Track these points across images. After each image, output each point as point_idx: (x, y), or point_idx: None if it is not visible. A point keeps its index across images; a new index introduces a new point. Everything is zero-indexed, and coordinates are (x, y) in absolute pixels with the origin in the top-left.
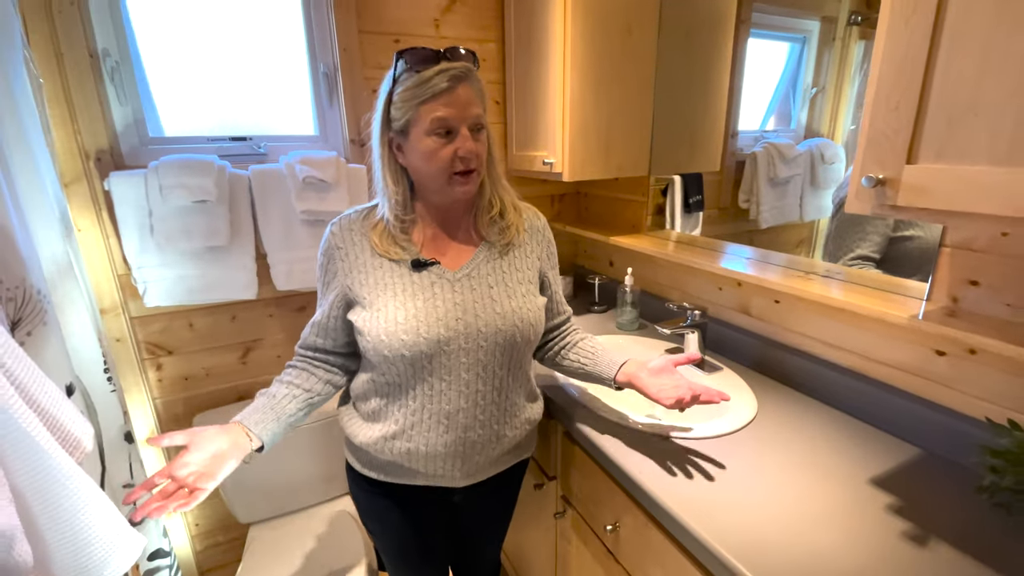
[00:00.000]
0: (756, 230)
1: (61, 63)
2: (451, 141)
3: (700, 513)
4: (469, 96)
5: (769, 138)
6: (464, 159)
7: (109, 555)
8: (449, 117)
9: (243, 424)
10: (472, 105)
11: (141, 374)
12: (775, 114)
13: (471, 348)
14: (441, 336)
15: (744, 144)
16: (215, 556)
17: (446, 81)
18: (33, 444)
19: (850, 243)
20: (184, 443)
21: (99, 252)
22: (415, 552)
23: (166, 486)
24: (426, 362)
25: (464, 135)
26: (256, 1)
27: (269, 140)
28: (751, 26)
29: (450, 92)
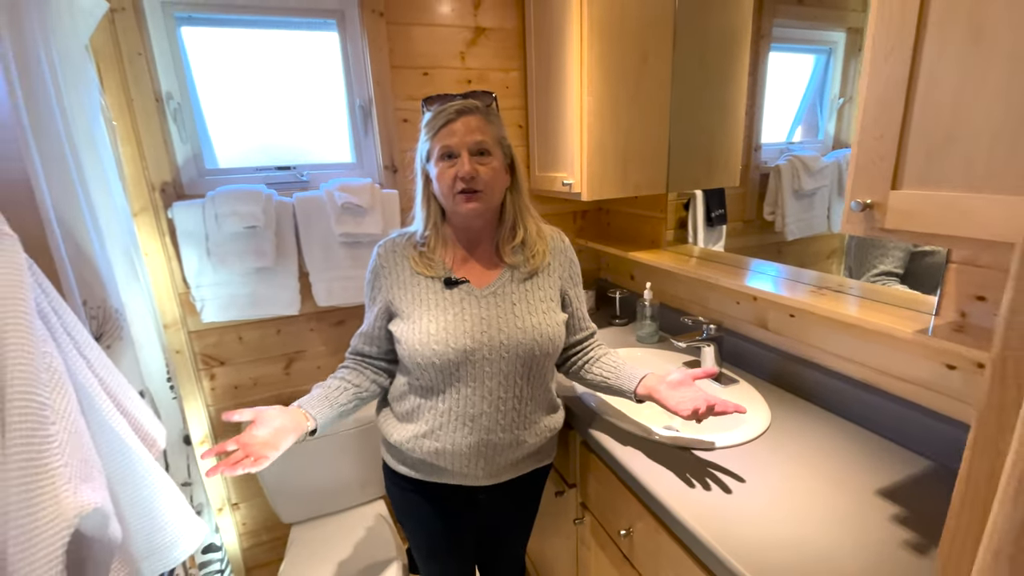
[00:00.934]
0: (783, 242)
1: (131, 107)
2: (454, 165)
3: (707, 519)
4: (471, 125)
5: (795, 150)
6: (463, 179)
7: (178, 539)
8: (452, 144)
9: (302, 408)
10: (473, 132)
11: (197, 383)
12: (802, 125)
13: (494, 358)
14: (467, 347)
15: (769, 156)
16: (259, 554)
17: (452, 114)
18: (120, 441)
19: (872, 259)
20: (251, 419)
21: (163, 273)
22: (443, 547)
23: (236, 452)
24: (454, 369)
25: (464, 158)
26: (300, 42)
27: (310, 168)
28: (772, 40)
29: (454, 123)
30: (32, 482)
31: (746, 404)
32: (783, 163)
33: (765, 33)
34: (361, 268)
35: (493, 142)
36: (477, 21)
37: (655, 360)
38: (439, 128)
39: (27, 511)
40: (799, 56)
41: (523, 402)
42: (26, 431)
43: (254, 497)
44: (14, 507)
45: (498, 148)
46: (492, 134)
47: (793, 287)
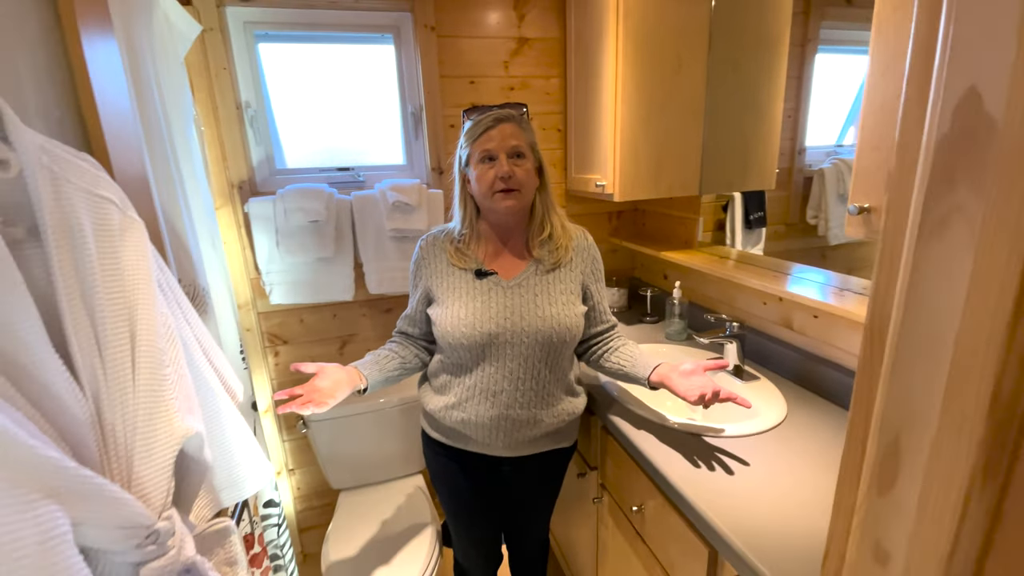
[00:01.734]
0: (826, 246)
1: (216, 114)
2: (493, 166)
3: (711, 498)
4: (508, 131)
5: (843, 153)
6: (502, 178)
7: (251, 475)
8: (491, 148)
9: (357, 368)
10: (510, 138)
11: (264, 358)
12: (854, 127)
13: (516, 343)
14: (492, 331)
15: (815, 159)
16: (311, 517)
17: (491, 122)
18: (210, 388)
19: None
20: (314, 371)
21: (237, 260)
22: (471, 510)
23: (302, 396)
24: (479, 350)
25: (502, 160)
26: (360, 55)
27: (366, 170)
28: (819, 43)
29: (492, 129)
30: (153, 407)
31: (763, 398)
32: (828, 166)
33: (812, 36)
34: (408, 260)
35: (526, 147)
36: (521, 32)
37: (679, 355)
38: (479, 135)
39: (149, 428)
40: (850, 58)
41: (541, 384)
42: (150, 369)
43: (308, 464)
44: (140, 424)
45: (530, 152)
46: (525, 140)
47: (817, 288)
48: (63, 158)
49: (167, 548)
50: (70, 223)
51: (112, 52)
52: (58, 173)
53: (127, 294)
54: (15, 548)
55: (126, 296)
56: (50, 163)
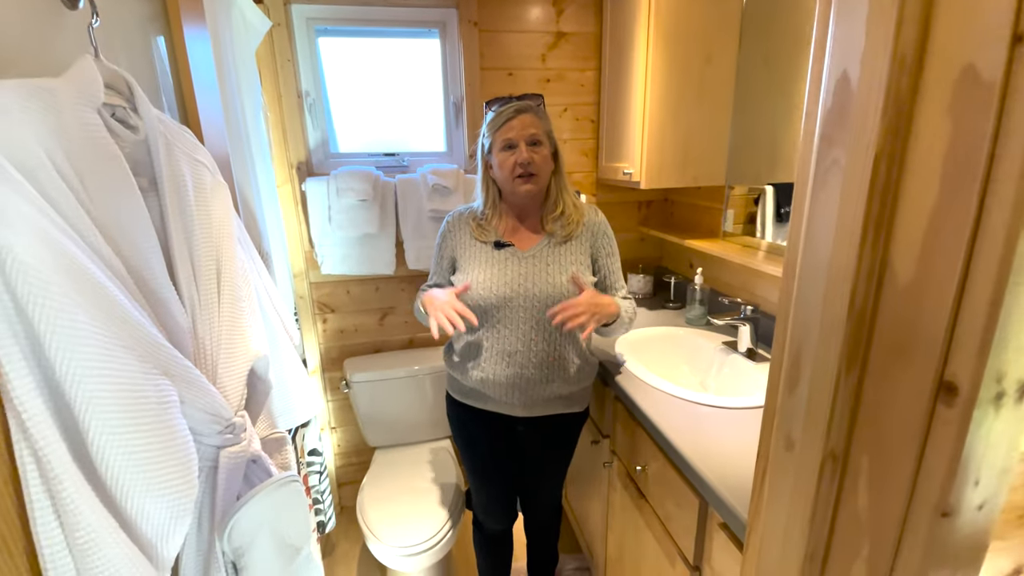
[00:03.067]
0: None
1: (280, 102)
2: (513, 154)
3: (704, 456)
4: (527, 121)
5: None
6: (522, 164)
7: (301, 405)
8: (511, 137)
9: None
10: (529, 127)
11: (313, 324)
12: None
13: (527, 306)
14: (506, 295)
15: None
16: (349, 473)
17: (512, 113)
18: (273, 327)
19: None
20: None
21: (294, 233)
22: (488, 466)
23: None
24: (495, 311)
25: (521, 148)
26: (408, 48)
27: (410, 156)
28: None
29: (513, 119)
30: (233, 328)
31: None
32: None
33: None
34: None
35: (543, 134)
36: (559, 27)
37: (693, 339)
38: (501, 125)
39: (231, 343)
40: None
41: (552, 346)
42: (231, 300)
43: (349, 424)
44: (224, 340)
45: (547, 140)
46: (542, 128)
47: None
48: (173, 128)
49: (241, 439)
50: (177, 179)
51: (205, 44)
52: (170, 139)
53: (214, 240)
54: (142, 403)
55: (213, 242)
56: (164, 131)
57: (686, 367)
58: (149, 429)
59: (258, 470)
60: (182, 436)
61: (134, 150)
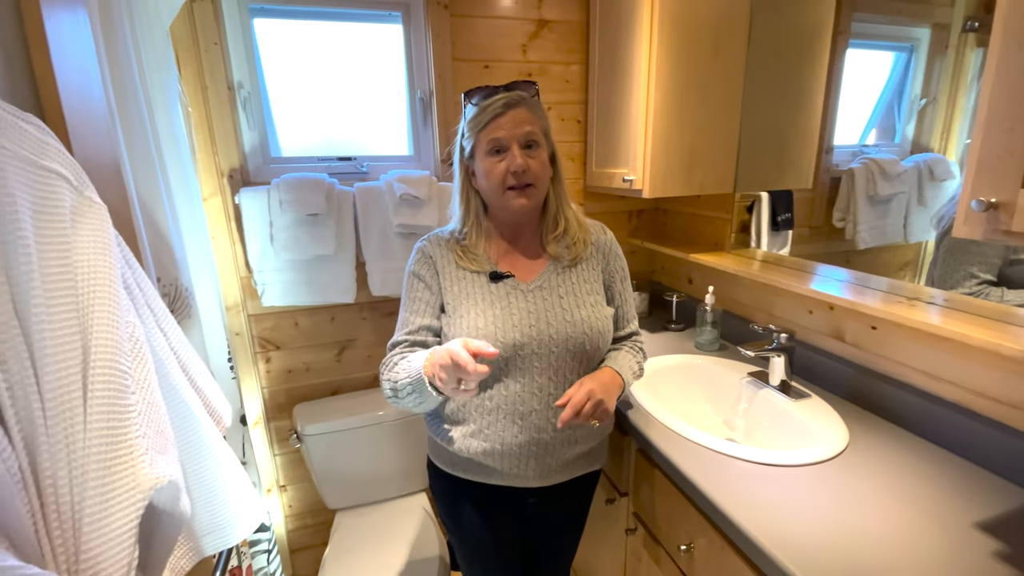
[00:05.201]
0: (852, 250)
1: (206, 95)
2: (504, 159)
3: (781, 538)
4: (521, 117)
5: (869, 153)
6: (515, 173)
7: (239, 517)
8: (501, 137)
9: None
10: (523, 124)
11: (253, 365)
12: (876, 127)
13: (543, 353)
14: (516, 340)
15: (841, 159)
16: (304, 537)
17: (500, 108)
18: (191, 415)
19: (967, 267)
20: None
21: (227, 257)
22: (488, 551)
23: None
24: (502, 364)
25: (514, 152)
26: (364, 35)
27: (370, 160)
28: (850, 36)
29: (502, 116)
30: (111, 450)
31: (819, 420)
32: (857, 166)
33: (844, 28)
34: None
35: (541, 134)
36: (541, 14)
37: (716, 369)
38: (487, 123)
39: (105, 480)
40: (877, 53)
41: None
42: (108, 399)
43: (301, 481)
44: (92, 475)
45: (545, 140)
46: (539, 125)
47: (876, 296)
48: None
49: None
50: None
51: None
52: None
53: (80, 297)
54: None
55: (78, 300)
56: None
57: (707, 404)
58: None
59: None
60: None
61: None
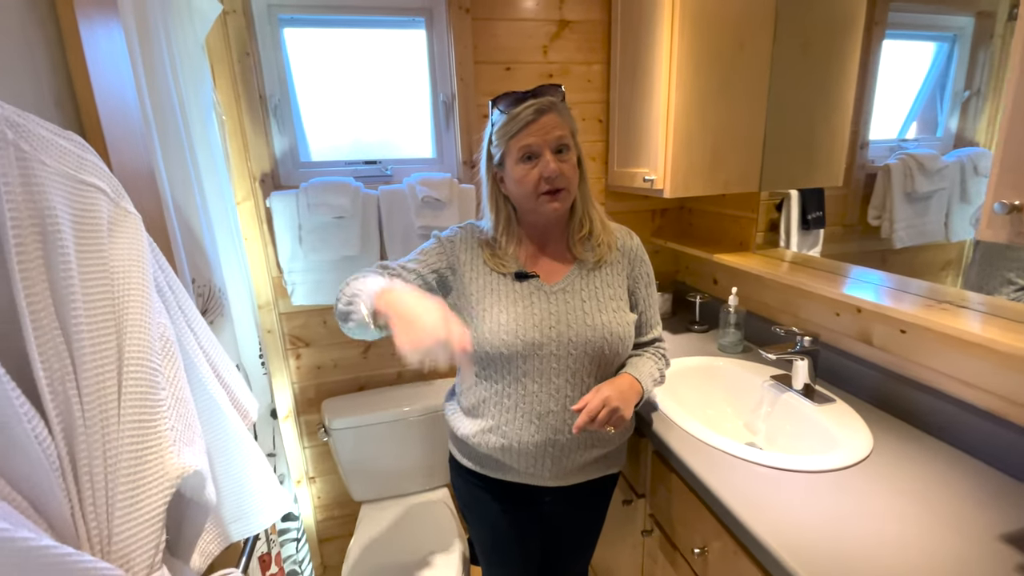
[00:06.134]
0: (889, 250)
1: (239, 104)
2: (536, 165)
3: (797, 546)
4: (551, 123)
5: (908, 148)
6: (548, 179)
7: (264, 506)
8: (532, 143)
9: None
10: (554, 129)
11: (284, 361)
12: (917, 121)
13: (562, 355)
14: (535, 340)
15: (877, 155)
16: (332, 528)
17: (531, 114)
18: (218, 410)
19: (1004, 272)
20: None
21: (259, 258)
22: (506, 546)
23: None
24: (520, 362)
25: (547, 158)
26: (389, 41)
27: (394, 163)
28: (887, 27)
29: (533, 123)
30: (142, 442)
31: (842, 425)
32: (894, 162)
33: (879, 19)
34: None
35: (570, 136)
36: (562, 14)
37: (738, 371)
38: (518, 130)
39: (136, 468)
40: (917, 44)
41: None
42: (140, 394)
43: (329, 473)
44: (124, 464)
45: (574, 142)
46: (569, 128)
47: (905, 299)
48: (37, 135)
49: None
50: (41, 213)
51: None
52: (28, 153)
53: (116, 301)
54: None
55: (114, 304)
56: (17, 139)
57: (728, 408)
58: None
59: None
60: None
61: None
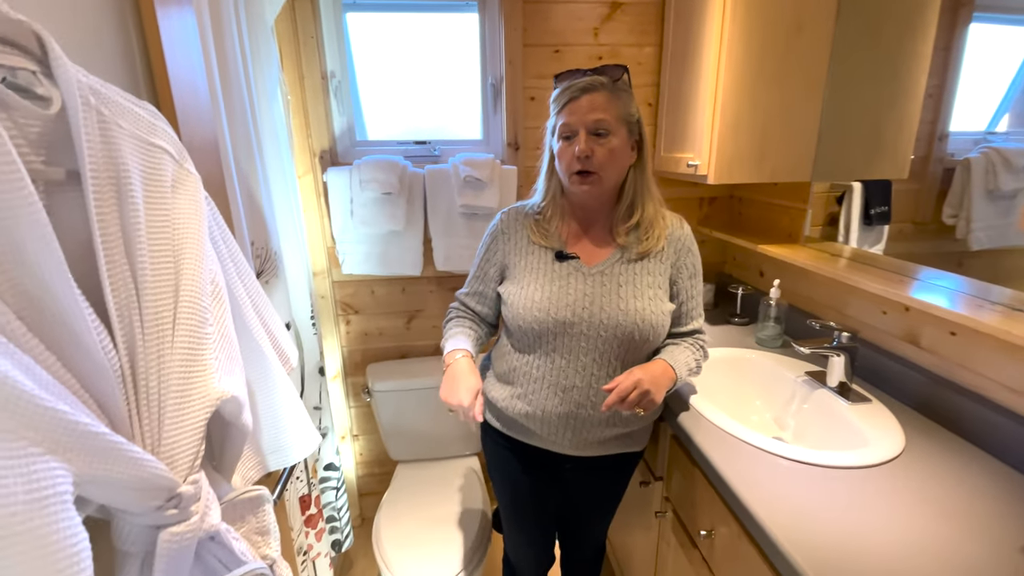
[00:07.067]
0: (965, 252)
1: (302, 83)
2: (572, 144)
3: (799, 536)
4: (594, 103)
5: (995, 141)
6: (577, 157)
7: (296, 442)
8: (571, 122)
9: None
10: (594, 111)
11: (335, 326)
12: (1010, 113)
13: (591, 335)
14: (566, 319)
15: (959, 148)
16: (371, 483)
17: (576, 92)
18: (260, 351)
19: None
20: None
21: (316, 228)
22: (526, 506)
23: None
24: (550, 338)
25: (581, 137)
26: (443, 24)
27: (442, 144)
28: (974, 9)
29: (576, 101)
30: (190, 366)
31: (874, 425)
32: (975, 156)
33: (966, 1)
34: (476, 238)
35: (615, 120)
36: None
37: (770, 365)
38: (563, 106)
39: (184, 387)
40: (1011, 28)
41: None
42: (190, 327)
43: (371, 432)
44: (174, 382)
45: (621, 126)
46: (616, 112)
47: (960, 300)
48: (115, 102)
49: (189, 513)
50: (116, 168)
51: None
52: (108, 116)
53: (175, 247)
54: (2, 504)
55: (174, 248)
56: (99, 104)
57: (758, 400)
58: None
59: (218, 549)
60: (63, 548)
61: (45, 130)
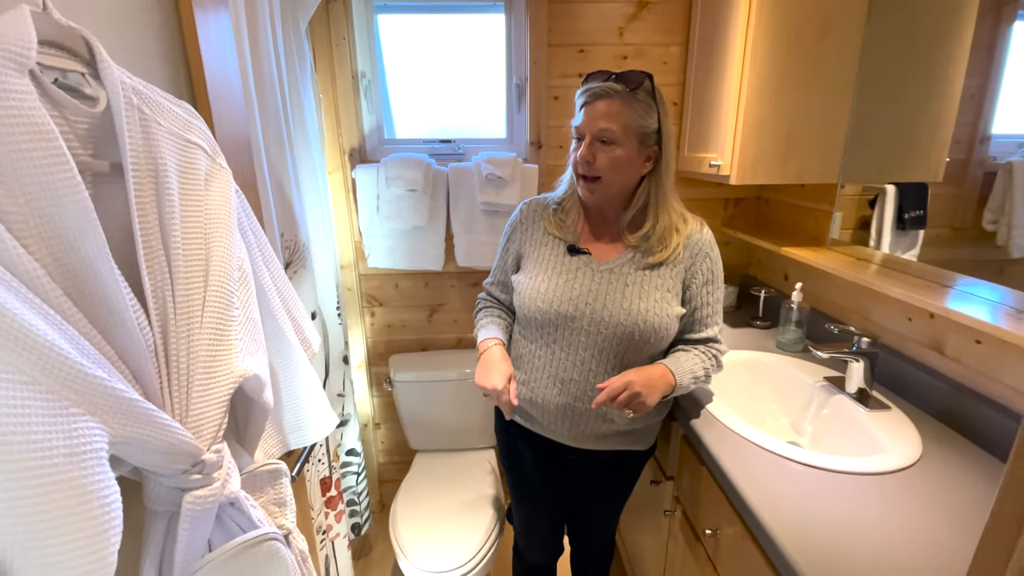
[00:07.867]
0: (1006, 260)
1: (334, 83)
2: (581, 147)
3: (802, 539)
4: (604, 111)
5: None
6: (579, 163)
7: (315, 423)
8: (580, 127)
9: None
10: (602, 119)
11: (361, 317)
12: None
13: (591, 331)
14: (568, 312)
15: (1002, 151)
16: (390, 471)
17: (590, 96)
18: (283, 335)
19: None
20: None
21: (344, 222)
22: (533, 491)
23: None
24: (552, 329)
25: (586, 143)
26: (470, 25)
27: (466, 143)
28: (1018, 7)
29: (590, 105)
30: (216, 345)
31: (892, 433)
32: (1018, 160)
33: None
34: (496, 235)
35: (623, 130)
36: None
37: (788, 369)
38: (580, 108)
39: (210, 364)
40: None
41: None
42: (218, 309)
43: (393, 421)
44: (201, 359)
45: (630, 136)
46: (626, 121)
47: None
48: (155, 101)
49: (212, 479)
50: (155, 161)
51: (224, 25)
52: (148, 114)
53: (207, 235)
54: (39, 457)
55: (205, 237)
56: (140, 103)
57: (775, 404)
58: (44, 492)
59: (237, 515)
60: (97, 499)
61: (92, 127)
